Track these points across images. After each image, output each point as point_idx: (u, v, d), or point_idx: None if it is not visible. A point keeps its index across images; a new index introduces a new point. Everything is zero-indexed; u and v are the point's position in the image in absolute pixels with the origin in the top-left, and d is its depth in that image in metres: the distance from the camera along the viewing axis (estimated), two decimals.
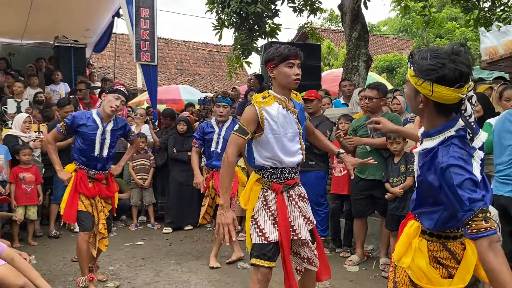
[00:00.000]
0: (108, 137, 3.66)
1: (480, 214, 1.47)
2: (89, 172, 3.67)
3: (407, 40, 26.12)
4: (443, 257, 1.78)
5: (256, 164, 2.67)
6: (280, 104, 2.58)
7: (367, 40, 7.37)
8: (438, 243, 1.79)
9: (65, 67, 8.85)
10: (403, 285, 1.85)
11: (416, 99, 1.71)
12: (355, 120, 4.64)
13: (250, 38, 7.84)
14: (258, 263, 2.52)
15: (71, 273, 4.19)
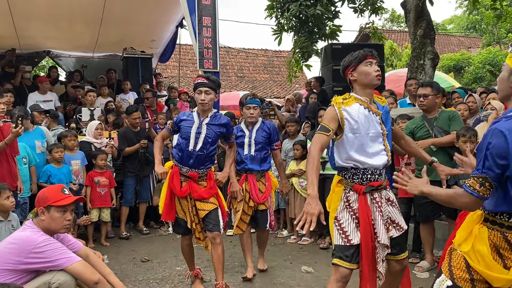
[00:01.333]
0: (203, 131, 3.54)
1: (480, 179, 1.76)
2: (182, 169, 3.59)
3: (476, 38, 24.77)
4: (503, 247, 1.80)
5: (336, 166, 2.68)
6: (361, 105, 2.60)
7: (433, 38, 7.06)
8: (499, 233, 1.81)
9: (133, 77, 9.28)
10: (459, 269, 1.89)
11: (510, 79, 1.79)
12: (410, 122, 4.45)
13: (310, 40, 7.78)
14: (339, 263, 2.52)
15: (140, 272, 4.36)
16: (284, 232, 5.85)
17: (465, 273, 1.88)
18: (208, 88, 3.50)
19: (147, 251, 5.08)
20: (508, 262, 1.80)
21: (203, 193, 3.57)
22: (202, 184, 3.62)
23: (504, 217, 1.81)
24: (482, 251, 1.82)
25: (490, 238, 1.83)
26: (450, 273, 1.92)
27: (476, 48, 21.32)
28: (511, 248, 1.80)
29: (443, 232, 4.50)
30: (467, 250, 1.86)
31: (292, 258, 4.80)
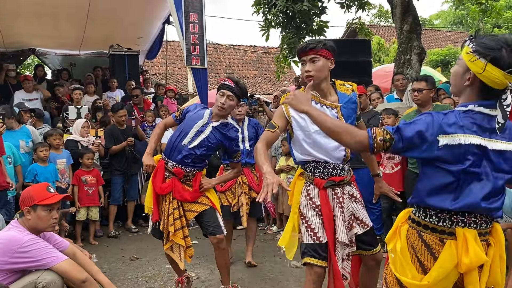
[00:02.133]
0: (207, 131, 3.21)
1: (388, 135, 1.70)
2: (168, 163, 3.26)
3: (462, 32, 24.99)
4: (419, 249, 1.70)
5: (297, 160, 2.65)
6: (312, 100, 2.43)
7: (420, 33, 7.10)
8: (415, 232, 1.73)
9: (120, 75, 9.22)
10: (390, 277, 1.81)
11: (464, 76, 1.71)
12: (404, 116, 4.48)
13: (298, 36, 7.78)
14: (312, 262, 2.45)
15: (129, 271, 4.34)
16: (273, 228, 5.86)
17: (395, 281, 1.77)
18: (233, 94, 3.18)
19: (136, 250, 5.06)
20: (427, 268, 1.68)
21: (187, 195, 3.25)
22: (187, 185, 3.28)
23: (420, 215, 1.74)
24: (398, 250, 1.74)
25: (409, 237, 1.75)
26: (385, 281, 1.83)
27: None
28: (429, 251, 1.69)
29: None
30: (391, 248, 1.79)
31: (282, 254, 4.79)
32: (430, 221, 1.71)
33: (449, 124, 1.65)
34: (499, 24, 19.08)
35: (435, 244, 1.68)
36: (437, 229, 1.69)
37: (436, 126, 1.65)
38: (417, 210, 1.77)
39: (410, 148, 1.68)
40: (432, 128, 1.65)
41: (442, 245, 1.67)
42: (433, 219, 1.70)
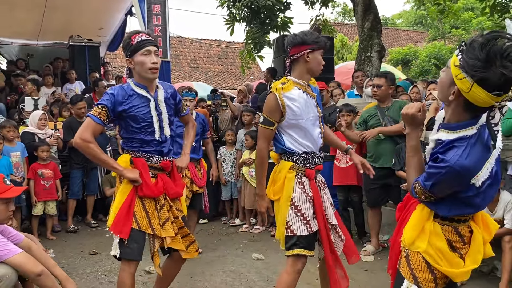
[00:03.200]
0: (164, 110, 2.65)
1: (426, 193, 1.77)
2: (150, 159, 2.63)
3: (422, 32, 25.79)
4: (454, 240, 1.82)
5: (288, 150, 2.59)
6: (299, 88, 2.57)
7: (380, 30, 7.30)
8: (451, 227, 1.82)
9: (80, 66, 8.98)
10: (421, 271, 1.82)
11: (449, 89, 1.68)
12: (364, 111, 4.60)
13: (262, 31, 7.83)
14: (304, 253, 2.53)
15: (88, 265, 4.26)
16: (236, 220, 5.89)
17: (428, 274, 1.82)
18: (157, 49, 2.61)
19: (96, 244, 4.97)
20: (462, 251, 1.83)
21: (180, 188, 2.79)
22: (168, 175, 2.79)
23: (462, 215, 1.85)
24: (442, 247, 1.80)
25: (444, 233, 1.82)
26: (414, 277, 1.84)
27: (422, 42, 22.18)
28: (461, 240, 1.83)
29: (389, 218, 4.70)
30: (424, 248, 1.81)
31: (244, 246, 4.85)
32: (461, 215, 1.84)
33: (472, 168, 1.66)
34: (457, 25, 19.79)
35: (466, 232, 1.84)
36: (467, 219, 1.84)
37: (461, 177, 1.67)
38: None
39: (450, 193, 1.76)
40: (458, 179, 1.68)
41: (469, 230, 1.84)
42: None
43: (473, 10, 19.73)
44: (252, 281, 3.79)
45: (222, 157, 5.98)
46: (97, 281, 3.87)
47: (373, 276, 3.86)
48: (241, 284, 3.73)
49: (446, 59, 16.41)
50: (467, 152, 1.64)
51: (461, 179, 1.67)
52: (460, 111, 1.69)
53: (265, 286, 3.60)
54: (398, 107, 4.31)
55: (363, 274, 3.91)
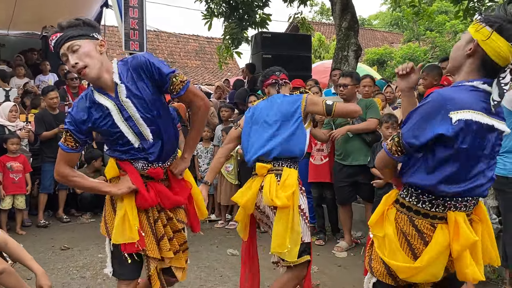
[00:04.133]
0: (133, 111, 2.02)
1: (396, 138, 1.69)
2: (135, 165, 2.14)
3: (398, 34, 26.19)
4: (410, 234, 1.68)
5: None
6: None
7: (357, 30, 7.37)
8: (406, 217, 1.70)
9: (53, 58, 8.73)
10: (376, 262, 1.76)
11: (465, 47, 1.64)
12: None
13: (240, 27, 7.81)
14: (310, 259, 2.60)
15: (60, 261, 4.18)
16: (212, 216, 5.88)
17: (381, 265, 1.73)
18: (74, 40, 1.96)
19: (67, 239, 4.87)
20: (418, 253, 1.66)
21: (181, 195, 2.26)
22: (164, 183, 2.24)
23: (412, 200, 1.70)
24: (388, 234, 1.69)
25: (397, 221, 1.71)
26: (370, 268, 1.77)
27: (398, 43, 22.55)
28: (420, 236, 1.66)
29: (362, 214, 4.77)
30: (381, 235, 1.72)
31: (219, 242, 4.85)
32: (423, 207, 1.68)
33: (457, 99, 1.57)
34: (431, 27, 20.20)
35: (426, 229, 1.66)
36: (429, 215, 1.67)
37: (443, 103, 1.57)
38: (408, 195, 1.72)
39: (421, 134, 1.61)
40: (439, 105, 1.57)
41: (433, 230, 1.65)
42: (426, 205, 1.67)
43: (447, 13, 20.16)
44: (227, 276, 3.80)
45: (198, 153, 5.95)
46: (69, 277, 3.80)
47: (346, 272, 3.92)
48: (216, 280, 3.73)
49: (420, 60, 16.75)
50: (459, 89, 1.61)
51: (439, 106, 1.55)
52: (473, 68, 1.63)
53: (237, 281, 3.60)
54: (364, 105, 4.37)
55: (336, 269, 3.96)
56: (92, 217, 5.86)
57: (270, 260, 2.91)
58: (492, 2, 7.84)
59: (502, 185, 3.08)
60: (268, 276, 3.57)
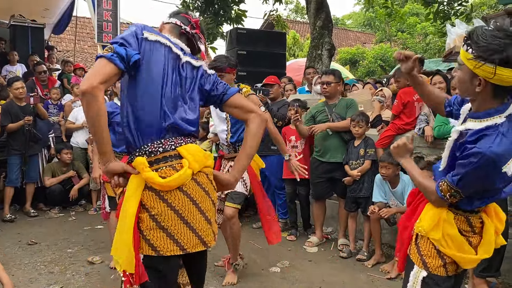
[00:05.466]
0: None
1: (453, 190, 1.75)
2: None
3: (370, 34, 26.63)
4: (465, 229, 1.85)
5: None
6: None
7: (331, 29, 7.47)
8: (463, 217, 1.85)
9: (22, 48, 8.48)
10: (431, 257, 1.87)
11: (473, 83, 1.66)
12: (313, 107, 4.72)
13: (215, 23, 7.78)
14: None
15: (26, 256, 4.08)
16: None
17: (438, 260, 1.86)
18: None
19: (35, 234, 4.76)
20: (472, 240, 1.86)
21: None
22: None
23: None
24: (452, 234, 1.83)
25: (456, 222, 1.85)
26: (424, 263, 1.88)
27: (370, 44, 22.94)
28: (471, 230, 1.86)
29: (333, 210, 4.86)
30: (438, 238, 1.84)
31: None
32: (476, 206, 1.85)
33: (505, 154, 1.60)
34: (403, 29, 20.64)
35: (477, 223, 1.85)
36: (479, 211, 1.85)
37: (493, 165, 1.61)
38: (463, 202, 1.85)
39: (480, 189, 1.75)
40: (489, 168, 1.62)
41: (480, 221, 1.86)
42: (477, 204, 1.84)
43: (418, 16, 20.65)
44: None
45: None
46: (36, 272, 3.72)
47: (316, 266, 3.98)
48: None
49: (391, 61, 17.10)
50: (499, 139, 1.61)
51: (494, 167, 1.60)
52: (488, 99, 1.67)
53: (211, 276, 3.62)
54: (345, 104, 4.46)
55: (307, 264, 4.02)
56: (60, 212, 5.74)
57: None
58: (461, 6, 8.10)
59: None
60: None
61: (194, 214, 1.74)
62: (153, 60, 1.76)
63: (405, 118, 4.22)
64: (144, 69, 1.75)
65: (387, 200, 3.95)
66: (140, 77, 1.75)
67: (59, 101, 6.59)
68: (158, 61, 1.77)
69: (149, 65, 1.75)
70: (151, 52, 1.77)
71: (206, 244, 1.77)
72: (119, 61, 1.65)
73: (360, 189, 4.13)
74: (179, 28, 1.97)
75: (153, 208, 1.70)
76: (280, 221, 5.12)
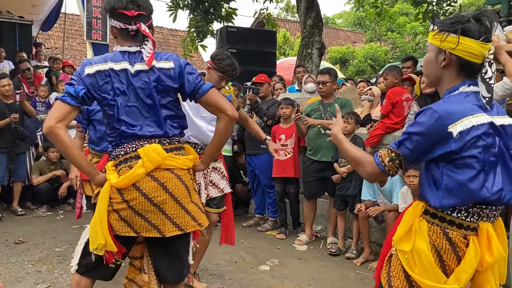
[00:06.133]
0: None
1: (393, 153, 1.60)
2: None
3: (360, 33, 26.75)
4: (443, 248, 1.55)
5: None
6: None
7: (321, 28, 7.49)
8: (439, 229, 1.56)
9: (9, 44, 8.38)
10: (398, 279, 1.62)
11: (438, 59, 1.62)
12: (308, 105, 4.74)
13: (206, 21, 7.76)
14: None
15: (14, 255, 4.04)
16: None
17: (404, 282, 1.59)
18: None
19: (22, 233, 4.71)
20: (448, 269, 1.54)
21: None
22: None
23: (447, 210, 1.56)
24: (420, 249, 1.54)
25: (430, 234, 1.56)
26: (389, 286, 1.63)
27: (360, 43, 23.04)
28: (453, 251, 1.53)
29: (323, 209, 4.88)
30: (408, 250, 1.57)
31: None
32: (458, 216, 1.55)
33: (453, 111, 1.51)
34: (392, 28, 20.76)
35: (460, 242, 1.54)
36: (463, 225, 1.54)
37: (440, 121, 1.51)
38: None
39: (424, 154, 1.56)
40: (436, 124, 1.51)
41: (466, 242, 1.54)
42: (462, 214, 1.55)
43: (407, 15, 20.76)
44: None
45: None
46: (24, 271, 3.68)
47: (306, 264, 4.00)
48: None
49: (381, 60, 17.19)
50: (452, 99, 1.57)
51: (440, 124, 1.49)
52: (453, 76, 1.61)
53: (201, 275, 3.61)
54: (339, 104, 4.46)
55: (296, 262, 4.04)
56: (48, 210, 5.69)
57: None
58: (450, 6, 8.17)
59: None
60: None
61: (145, 206, 1.93)
62: (102, 89, 1.95)
63: (394, 117, 4.25)
64: (99, 98, 1.96)
65: (376, 198, 3.98)
66: (101, 104, 2.00)
67: (47, 99, 6.53)
68: (104, 88, 1.95)
69: (101, 93, 1.95)
70: (97, 82, 1.94)
71: (162, 233, 1.95)
72: (70, 99, 1.88)
73: (348, 187, 4.15)
74: (127, 31, 1.98)
75: (113, 198, 1.95)
76: (270, 220, 5.15)
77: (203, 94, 2.03)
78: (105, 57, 1.99)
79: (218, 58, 2.96)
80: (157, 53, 2.02)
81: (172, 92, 2.02)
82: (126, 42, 2.00)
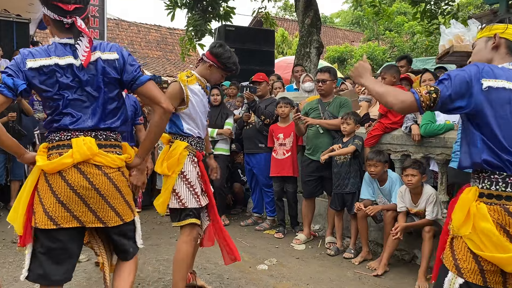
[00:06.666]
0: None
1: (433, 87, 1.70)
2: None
3: (358, 32, 26.77)
4: (508, 223, 1.58)
5: (184, 133, 2.89)
6: (199, 84, 2.95)
7: (319, 27, 7.49)
8: (499, 207, 1.60)
9: (6, 43, 8.35)
10: (465, 261, 1.65)
11: (487, 45, 1.86)
12: (307, 104, 4.74)
13: (204, 19, 7.75)
14: (196, 222, 2.84)
15: (11, 254, 4.03)
16: None
17: (473, 264, 1.62)
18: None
19: None
20: None
21: None
22: None
23: (500, 187, 1.62)
24: (486, 228, 1.57)
25: (491, 214, 1.60)
26: (457, 268, 1.65)
27: (358, 42, 23.06)
28: None
29: (321, 208, 4.88)
30: (468, 233, 1.62)
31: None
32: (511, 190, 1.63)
33: (493, 71, 1.69)
34: (390, 27, 20.77)
35: None
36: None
37: (479, 72, 1.68)
38: (493, 183, 1.64)
39: (457, 96, 1.66)
40: (476, 73, 1.68)
41: None
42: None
43: (405, 15, 20.78)
44: None
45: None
46: (21, 271, 3.66)
47: (304, 264, 4.00)
48: None
49: (379, 59, 17.19)
50: (496, 66, 1.74)
51: (476, 74, 1.67)
52: (502, 58, 1.83)
53: (199, 274, 3.61)
54: (338, 103, 4.46)
55: (294, 261, 4.04)
56: None
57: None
58: (448, 6, 8.17)
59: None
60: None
61: (69, 197, 1.95)
62: (46, 83, 1.92)
63: (392, 117, 4.25)
64: (41, 91, 1.94)
65: (375, 197, 3.98)
66: (42, 96, 1.98)
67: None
68: (48, 83, 1.92)
69: (45, 87, 1.93)
70: (41, 76, 1.92)
71: (82, 222, 1.99)
72: (7, 91, 1.84)
73: (346, 185, 4.15)
74: (62, 23, 1.95)
75: (39, 184, 1.98)
76: (268, 219, 5.15)
77: (140, 85, 2.05)
78: (47, 50, 1.95)
79: (224, 57, 2.92)
80: (99, 43, 2.02)
81: (117, 83, 2.05)
82: (61, 33, 1.98)
